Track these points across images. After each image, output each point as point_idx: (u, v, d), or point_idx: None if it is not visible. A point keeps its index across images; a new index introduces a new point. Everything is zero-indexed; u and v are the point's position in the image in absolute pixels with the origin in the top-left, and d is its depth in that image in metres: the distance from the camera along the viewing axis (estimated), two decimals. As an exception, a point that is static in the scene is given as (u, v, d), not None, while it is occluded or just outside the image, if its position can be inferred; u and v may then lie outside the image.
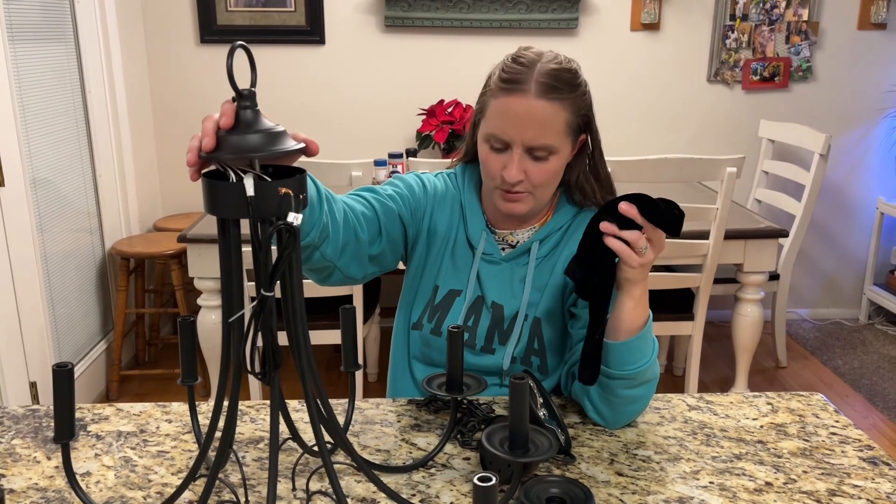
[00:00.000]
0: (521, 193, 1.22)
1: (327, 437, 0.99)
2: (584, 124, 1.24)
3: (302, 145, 0.86)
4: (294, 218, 0.77)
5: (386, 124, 3.47)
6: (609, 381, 1.12)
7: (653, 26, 3.43)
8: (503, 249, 1.31)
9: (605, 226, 1.06)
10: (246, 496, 0.95)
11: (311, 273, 1.21)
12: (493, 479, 0.69)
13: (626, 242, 1.05)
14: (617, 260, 1.09)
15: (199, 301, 2.55)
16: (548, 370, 1.28)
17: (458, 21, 3.34)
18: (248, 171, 0.78)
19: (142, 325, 3.26)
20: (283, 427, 0.97)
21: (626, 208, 1.05)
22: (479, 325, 1.29)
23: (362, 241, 1.20)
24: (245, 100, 0.82)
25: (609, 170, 1.33)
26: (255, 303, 0.81)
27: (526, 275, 1.28)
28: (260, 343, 0.83)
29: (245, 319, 0.82)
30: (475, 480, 0.69)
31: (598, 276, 1.09)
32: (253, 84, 0.84)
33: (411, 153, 3.23)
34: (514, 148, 1.19)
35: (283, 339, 0.84)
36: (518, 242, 1.30)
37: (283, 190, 0.77)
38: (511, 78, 1.18)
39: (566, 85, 1.18)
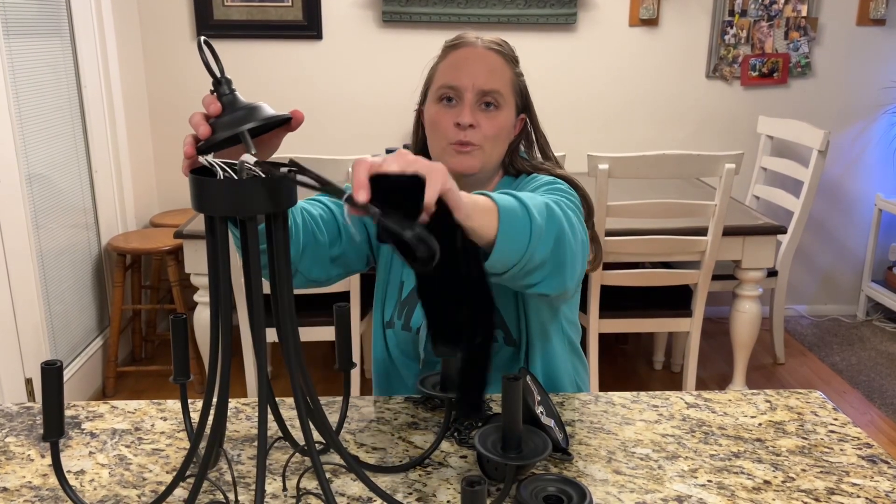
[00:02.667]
0: (472, 146, 1.23)
1: (319, 437, 0.98)
2: (523, 101, 1.29)
3: (287, 115, 0.87)
4: (249, 157, 0.78)
5: (383, 120, 3.46)
6: (530, 272, 0.98)
7: (651, 22, 3.42)
8: None
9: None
10: (235, 495, 0.94)
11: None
12: (483, 482, 0.68)
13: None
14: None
15: (196, 297, 2.55)
16: (514, 341, 1.29)
17: (456, 16, 3.32)
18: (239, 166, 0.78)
19: (138, 322, 3.25)
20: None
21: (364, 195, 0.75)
22: None
23: (321, 242, 1.21)
24: (223, 86, 0.85)
25: (553, 150, 1.36)
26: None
27: None
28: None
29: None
30: (463, 483, 0.68)
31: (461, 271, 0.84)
32: (222, 72, 0.87)
33: (408, 149, 3.22)
34: (466, 94, 1.23)
35: (273, 335, 0.83)
36: None
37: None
38: (457, 39, 1.28)
39: (509, 52, 1.28)
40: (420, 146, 1.36)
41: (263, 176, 0.78)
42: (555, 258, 1.01)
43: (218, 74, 0.85)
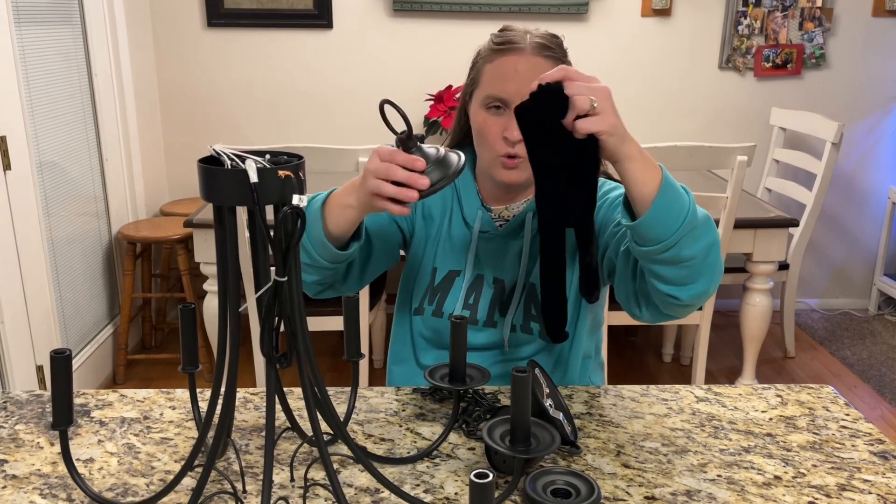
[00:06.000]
0: (519, 158, 1.21)
1: (327, 427, 0.98)
2: None
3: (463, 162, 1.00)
4: (299, 200, 0.76)
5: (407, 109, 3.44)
6: (673, 250, 1.01)
7: (664, 12, 3.39)
8: (499, 225, 1.31)
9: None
10: (243, 485, 0.95)
11: (312, 286, 1.23)
12: (490, 475, 0.68)
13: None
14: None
15: (206, 286, 2.55)
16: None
17: (467, 5, 3.31)
18: (247, 158, 0.77)
19: (148, 310, 3.27)
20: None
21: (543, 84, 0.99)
22: (480, 303, 1.30)
23: (353, 264, 1.24)
24: (411, 142, 0.99)
25: None
26: (263, 289, 0.80)
27: (522, 247, 1.29)
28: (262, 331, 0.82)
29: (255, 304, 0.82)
30: (472, 477, 0.68)
31: (575, 191, 1.02)
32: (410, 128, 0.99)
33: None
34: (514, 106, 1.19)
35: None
36: (513, 216, 1.31)
37: (284, 173, 0.76)
38: (505, 40, 1.21)
39: (558, 48, 1.23)
40: (460, 135, 1.34)
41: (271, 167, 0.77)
42: (705, 263, 1.04)
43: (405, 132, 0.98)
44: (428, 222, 1.34)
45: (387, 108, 0.94)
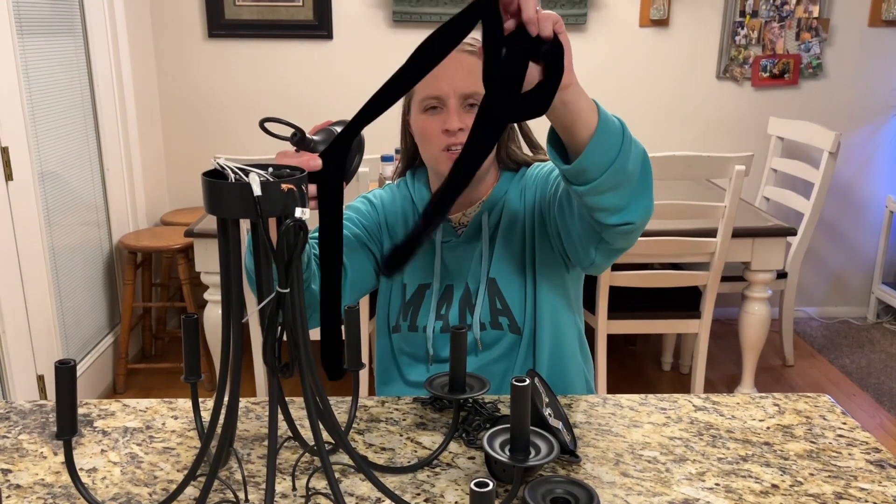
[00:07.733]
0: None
1: (329, 437, 0.99)
2: None
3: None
4: (301, 213, 0.77)
5: (392, 120, 3.45)
6: (619, 173, 1.01)
7: (662, 22, 3.41)
8: (459, 232, 1.34)
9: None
10: (246, 494, 0.95)
11: None
12: (490, 484, 0.69)
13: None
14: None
15: (206, 296, 2.56)
16: (519, 328, 1.30)
17: (467, 16, 3.32)
18: (251, 171, 0.78)
19: (148, 319, 3.27)
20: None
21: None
22: (451, 310, 1.32)
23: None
24: (306, 141, 1.01)
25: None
26: (265, 301, 0.81)
27: (482, 247, 1.32)
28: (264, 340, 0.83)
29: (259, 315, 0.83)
30: (472, 486, 0.69)
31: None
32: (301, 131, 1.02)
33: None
34: (450, 101, 1.23)
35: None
36: (470, 221, 1.34)
37: (287, 186, 0.77)
38: None
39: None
40: (409, 155, 1.39)
41: (274, 180, 0.79)
42: (642, 177, 1.06)
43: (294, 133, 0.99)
44: (393, 241, 1.36)
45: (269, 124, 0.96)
